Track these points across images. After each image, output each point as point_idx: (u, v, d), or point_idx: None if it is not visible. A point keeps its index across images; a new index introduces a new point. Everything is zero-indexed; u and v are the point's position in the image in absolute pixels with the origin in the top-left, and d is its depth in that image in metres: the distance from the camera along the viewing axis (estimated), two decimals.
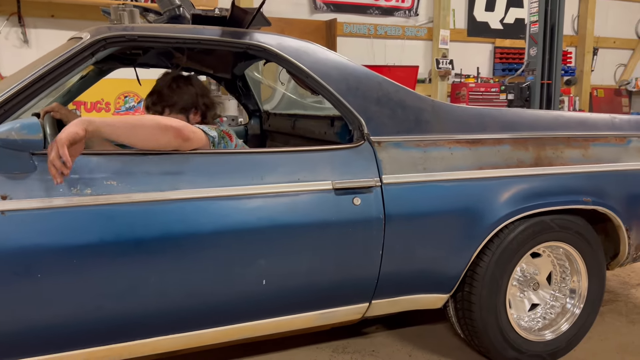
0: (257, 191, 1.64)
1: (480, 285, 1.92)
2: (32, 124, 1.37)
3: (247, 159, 1.68)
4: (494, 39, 7.35)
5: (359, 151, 1.79)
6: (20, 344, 1.48)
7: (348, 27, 6.48)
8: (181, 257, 1.56)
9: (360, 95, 1.83)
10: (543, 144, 2.01)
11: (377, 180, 1.77)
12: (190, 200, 1.56)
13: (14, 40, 5.12)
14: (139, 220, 1.50)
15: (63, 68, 1.53)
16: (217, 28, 1.77)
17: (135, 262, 1.51)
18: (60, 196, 1.44)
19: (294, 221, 1.66)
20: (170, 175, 1.56)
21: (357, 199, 1.73)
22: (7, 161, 1.41)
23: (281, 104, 3.07)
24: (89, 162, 1.50)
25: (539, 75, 5.50)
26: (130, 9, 1.73)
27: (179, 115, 1.93)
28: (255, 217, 1.62)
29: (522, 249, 1.95)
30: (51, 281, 1.44)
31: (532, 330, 2.11)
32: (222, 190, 1.60)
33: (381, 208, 1.75)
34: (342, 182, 1.72)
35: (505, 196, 1.88)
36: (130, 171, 1.52)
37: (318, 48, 1.87)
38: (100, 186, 1.48)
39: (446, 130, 1.91)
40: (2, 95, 1.46)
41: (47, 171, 1.43)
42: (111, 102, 5.40)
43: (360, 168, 1.76)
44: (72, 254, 1.44)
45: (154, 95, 1.95)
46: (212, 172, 1.61)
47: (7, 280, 1.40)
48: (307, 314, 1.80)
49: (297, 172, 1.70)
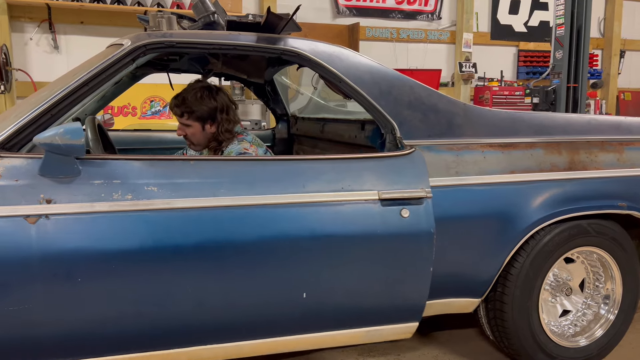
0: (298, 200, 1.60)
1: (514, 286, 1.91)
2: (75, 129, 1.40)
3: (289, 167, 1.66)
4: (517, 42, 7.29)
5: (409, 159, 1.73)
6: (57, 346, 1.49)
7: (370, 31, 6.49)
8: (219, 266, 1.55)
9: (393, 99, 1.84)
10: (577, 148, 1.99)
11: (427, 191, 1.70)
12: (228, 208, 1.54)
13: (45, 47, 5.26)
14: (177, 227, 1.50)
15: (106, 74, 1.57)
16: (252, 34, 1.80)
17: (172, 269, 1.52)
18: (102, 201, 1.46)
19: (335, 233, 1.62)
20: (210, 182, 1.56)
21: (405, 211, 1.67)
22: (53, 165, 1.44)
23: (308, 108, 3.10)
24: (131, 167, 1.52)
25: (564, 79, 5.43)
26: (168, 16, 1.77)
27: (195, 123, 2.05)
28: (295, 227, 1.59)
29: (557, 251, 1.94)
30: (90, 285, 1.46)
31: (565, 336, 2.09)
32: (262, 199, 1.57)
33: (432, 221, 1.69)
34: (389, 192, 1.67)
35: (539, 200, 1.87)
36: (171, 177, 1.54)
37: (350, 53, 1.89)
38: (140, 192, 1.50)
39: (478, 134, 1.91)
40: (48, 100, 1.51)
41: (91, 176, 1.47)
42: (137, 106, 5.50)
43: (409, 177, 1.70)
44: (111, 259, 1.46)
45: (178, 98, 2.06)
46: (252, 180, 1.59)
47: (49, 282, 1.43)
48: (351, 331, 1.75)
49: (341, 181, 1.65)
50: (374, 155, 1.74)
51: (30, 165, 1.45)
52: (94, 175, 1.49)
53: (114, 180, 1.49)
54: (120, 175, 1.50)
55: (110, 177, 1.50)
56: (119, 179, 1.50)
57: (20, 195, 1.41)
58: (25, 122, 1.50)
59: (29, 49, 5.22)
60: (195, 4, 1.97)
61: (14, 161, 1.46)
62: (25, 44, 5.19)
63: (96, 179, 1.48)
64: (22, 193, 1.42)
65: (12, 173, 1.44)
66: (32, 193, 1.42)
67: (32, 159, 1.47)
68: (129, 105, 5.47)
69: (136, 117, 5.49)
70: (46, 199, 1.43)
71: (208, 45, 1.73)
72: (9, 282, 1.41)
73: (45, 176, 1.45)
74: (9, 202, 1.40)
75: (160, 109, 5.61)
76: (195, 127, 2.07)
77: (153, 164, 1.55)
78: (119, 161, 1.55)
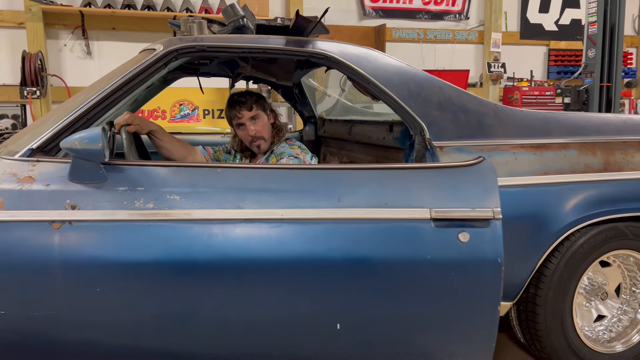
0: (331, 215, 1.42)
1: (547, 288, 1.87)
2: (93, 135, 1.36)
3: (324, 176, 1.49)
4: (548, 41, 7.15)
5: (474, 171, 1.50)
6: (71, 354, 1.46)
7: (397, 32, 6.46)
8: (238, 286, 1.43)
9: (422, 100, 1.83)
10: (612, 149, 1.94)
11: (496, 211, 1.45)
12: (251, 221, 1.42)
13: (78, 52, 5.40)
14: (197, 240, 1.41)
15: (139, 78, 1.61)
16: (281, 37, 1.81)
17: (189, 285, 1.42)
18: (123, 209, 1.41)
19: (373, 256, 1.41)
20: (234, 192, 1.46)
21: (464, 234, 1.42)
22: (80, 171, 1.43)
23: (335, 110, 3.10)
24: (157, 173, 1.48)
25: (597, 78, 5.30)
26: (199, 21, 1.80)
27: (263, 113, 2.14)
28: (325, 247, 1.41)
29: (592, 254, 1.89)
30: (106, 296, 1.41)
31: (600, 341, 2.04)
32: (288, 212, 1.42)
33: (499, 248, 1.43)
34: (444, 210, 1.43)
35: (573, 202, 1.83)
36: (194, 185, 1.46)
37: (379, 54, 1.89)
38: (163, 200, 1.43)
39: (509, 135, 1.88)
40: (84, 105, 1.55)
41: (116, 182, 1.44)
42: (167, 109, 5.59)
43: (471, 193, 1.46)
44: (128, 270, 1.40)
45: (241, 98, 2.12)
46: (279, 190, 1.46)
47: (68, 289, 1.41)
48: None
49: (384, 195, 1.44)
50: (429, 166, 1.54)
51: (63, 171, 1.45)
52: (119, 181, 1.45)
53: (138, 187, 1.44)
54: (144, 182, 1.45)
55: (135, 184, 1.45)
56: (143, 186, 1.45)
57: (48, 200, 1.41)
58: (62, 127, 1.53)
59: (63, 55, 5.37)
60: (225, 9, 1.99)
61: (49, 166, 1.47)
62: (60, 50, 5.35)
63: (121, 186, 1.44)
64: (50, 198, 1.41)
65: (45, 177, 1.44)
66: (60, 198, 1.41)
67: (65, 164, 1.46)
68: (159, 108, 5.56)
69: (166, 120, 5.58)
70: (71, 205, 1.41)
71: (238, 49, 1.75)
72: (31, 287, 1.40)
73: (74, 182, 1.44)
74: (38, 206, 1.40)
75: (189, 112, 5.70)
76: (264, 117, 2.13)
77: (178, 171, 1.49)
78: (145, 167, 1.50)
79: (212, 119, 5.43)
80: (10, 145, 1.64)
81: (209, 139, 2.83)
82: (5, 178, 1.45)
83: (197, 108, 5.38)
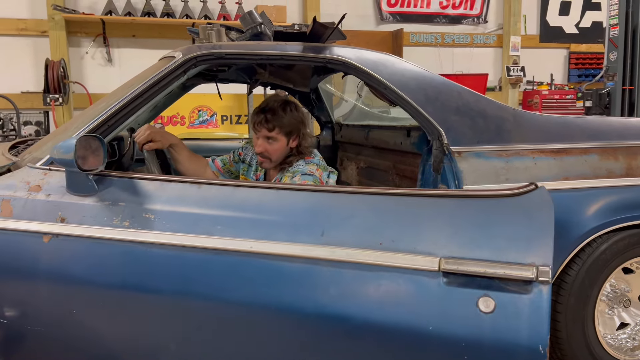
0: (307, 254, 1.11)
1: (568, 294, 1.84)
2: (67, 145, 1.32)
3: (311, 201, 1.21)
4: (568, 44, 7.07)
5: (516, 205, 1.06)
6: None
7: (414, 36, 6.45)
8: (205, 325, 1.27)
9: (440, 105, 1.82)
10: (634, 154, 1.91)
11: (544, 270, 1.03)
12: (216, 251, 1.24)
13: (99, 60, 5.51)
14: (158, 267, 1.29)
15: (159, 85, 1.63)
16: (299, 43, 1.82)
17: (157, 318, 1.31)
18: (103, 225, 1.34)
19: (350, 316, 1.04)
20: (208, 216, 1.32)
21: (487, 301, 0.98)
22: (71, 182, 1.41)
23: (352, 115, 3.11)
24: (141, 187, 1.42)
25: (619, 81, 5.22)
26: (217, 28, 1.82)
27: (283, 137, 1.94)
28: (292, 293, 1.11)
29: (614, 260, 1.86)
30: (83, 317, 1.35)
31: (623, 350, 2.00)
32: (258, 245, 1.17)
33: (545, 329, 0.97)
34: (459, 261, 1.01)
35: (595, 207, 1.80)
36: (174, 203, 1.37)
37: (396, 60, 1.89)
38: (138, 219, 1.33)
39: (529, 140, 1.86)
40: (105, 112, 1.58)
41: (103, 196, 1.40)
42: (186, 116, 5.66)
43: (507, 238, 1.03)
44: (101, 292, 1.33)
45: (268, 113, 1.92)
46: (255, 215, 1.25)
47: (50, 304, 1.37)
48: None
49: (381, 230, 1.09)
50: (451, 193, 1.13)
51: (64, 181, 1.42)
52: (106, 194, 1.41)
53: (120, 202, 1.38)
54: (126, 198, 1.39)
55: (118, 199, 1.39)
56: (124, 202, 1.38)
57: (45, 211, 1.39)
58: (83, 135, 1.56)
59: (85, 63, 5.48)
60: (243, 16, 2.01)
61: (56, 175, 1.45)
62: (82, 58, 5.46)
63: (105, 199, 1.39)
64: (47, 209, 1.39)
65: (49, 187, 1.44)
66: (54, 210, 1.39)
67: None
68: (177, 115, 5.64)
69: (184, 126, 5.65)
70: (61, 218, 1.37)
71: (256, 56, 1.77)
72: (18, 299, 1.38)
73: (69, 193, 1.42)
74: (36, 216, 1.39)
75: (207, 118, 5.76)
76: (281, 142, 1.95)
77: (167, 186, 1.40)
78: (132, 180, 1.44)
79: (230, 125, 5.49)
80: (34, 151, 1.68)
81: (227, 145, 2.86)
82: (20, 185, 1.47)
83: (216, 114, 5.45)
